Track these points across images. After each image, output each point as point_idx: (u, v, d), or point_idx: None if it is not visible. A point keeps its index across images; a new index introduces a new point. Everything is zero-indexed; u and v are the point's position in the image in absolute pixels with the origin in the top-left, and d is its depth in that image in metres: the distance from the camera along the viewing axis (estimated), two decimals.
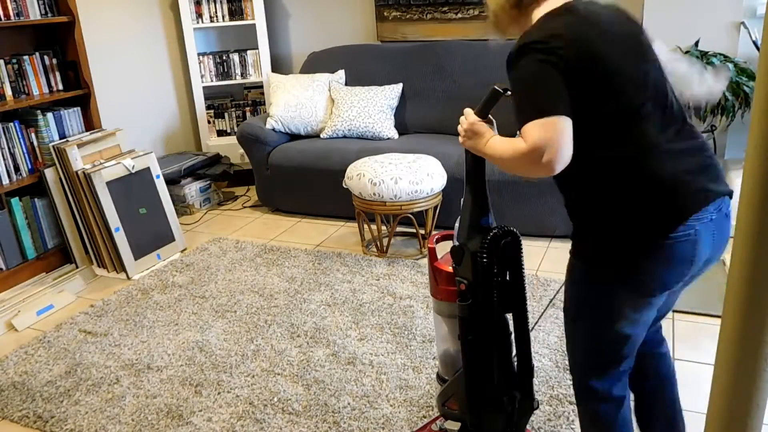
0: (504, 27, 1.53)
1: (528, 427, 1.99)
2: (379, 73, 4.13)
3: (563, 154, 1.29)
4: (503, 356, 1.62)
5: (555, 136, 1.27)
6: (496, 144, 1.47)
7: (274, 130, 3.98)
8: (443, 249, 1.71)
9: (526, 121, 1.30)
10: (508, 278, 1.60)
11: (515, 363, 1.67)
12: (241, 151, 4.39)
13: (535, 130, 1.29)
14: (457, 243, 1.59)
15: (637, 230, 1.33)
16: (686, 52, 3.45)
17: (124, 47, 4.16)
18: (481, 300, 1.54)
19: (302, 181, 3.84)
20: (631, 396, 1.61)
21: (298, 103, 4.00)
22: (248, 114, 4.67)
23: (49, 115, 3.27)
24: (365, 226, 3.43)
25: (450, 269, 1.64)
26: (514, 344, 1.64)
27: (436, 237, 1.77)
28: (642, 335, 1.48)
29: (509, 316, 1.64)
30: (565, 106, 1.30)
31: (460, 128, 1.58)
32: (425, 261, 3.25)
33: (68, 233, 3.33)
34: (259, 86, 4.70)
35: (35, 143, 3.25)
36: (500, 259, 1.55)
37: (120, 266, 3.29)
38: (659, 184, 1.33)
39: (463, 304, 1.55)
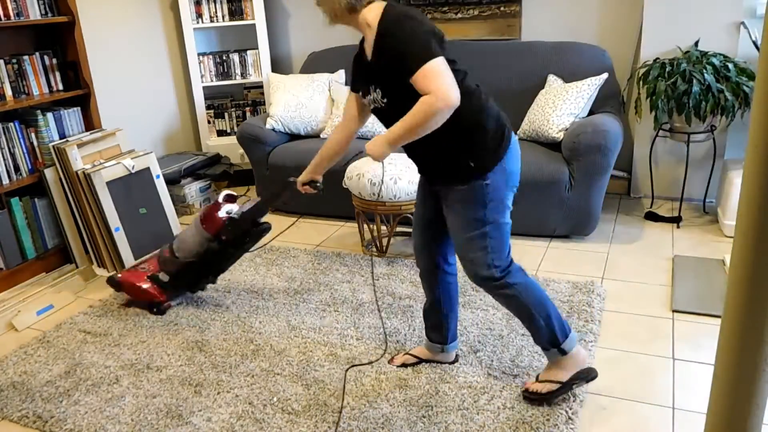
0: (338, 22, 1.94)
1: (526, 425, 2.00)
2: None
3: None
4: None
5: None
6: (399, 125, 1.80)
7: (274, 130, 3.98)
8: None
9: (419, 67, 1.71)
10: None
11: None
12: (241, 151, 4.39)
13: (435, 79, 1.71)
14: (235, 216, 2.72)
15: (499, 141, 1.90)
16: (686, 53, 3.46)
17: (124, 47, 4.16)
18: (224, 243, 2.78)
19: None
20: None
21: (298, 103, 4.00)
22: (248, 114, 4.67)
23: (49, 115, 3.27)
24: (365, 226, 3.43)
25: (221, 219, 2.74)
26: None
27: (225, 195, 2.82)
28: None
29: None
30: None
31: (369, 153, 1.93)
32: None
33: (68, 233, 3.33)
34: (259, 86, 4.70)
35: (35, 143, 3.25)
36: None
37: (120, 266, 3.29)
38: (498, 115, 1.93)
39: (217, 241, 2.77)
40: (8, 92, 3.18)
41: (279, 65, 4.84)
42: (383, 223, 3.46)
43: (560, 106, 3.39)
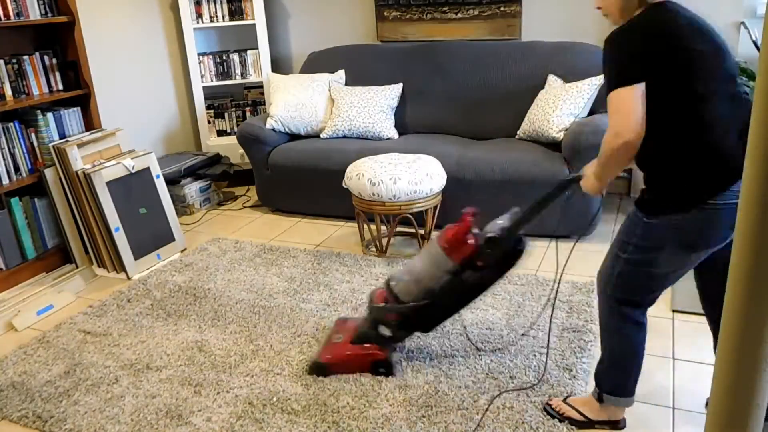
0: (622, 18, 1.74)
1: (526, 425, 1.99)
2: (379, 73, 4.13)
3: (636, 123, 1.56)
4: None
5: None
6: (596, 160, 1.75)
7: (274, 130, 3.98)
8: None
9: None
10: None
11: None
12: (241, 151, 4.39)
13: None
14: (495, 234, 2.10)
15: (690, 192, 1.61)
16: None
17: (124, 47, 4.16)
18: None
19: (302, 181, 3.84)
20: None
21: (298, 103, 4.00)
22: (248, 114, 4.67)
23: (49, 115, 3.27)
24: (365, 226, 3.43)
25: (472, 241, 2.14)
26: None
27: (472, 212, 2.23)
28: (677, 280, 1.79)
29: None
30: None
31: (586, 191, 1.86)
32: None
33: (68, 233, 3.33)
34: (259, 86, 4.70)
35: (35, 143, 3.25)
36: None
37: (120, 266, 3.28)
38: (714, 155, 1.59)
39: (473, 273, 2.16)
40: (8, 92, 3.18)
41: (279, 65, 4.84)
42: (383, 223, 3.46)
43: (560, 106, 3.39)
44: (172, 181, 4.08)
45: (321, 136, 4.00)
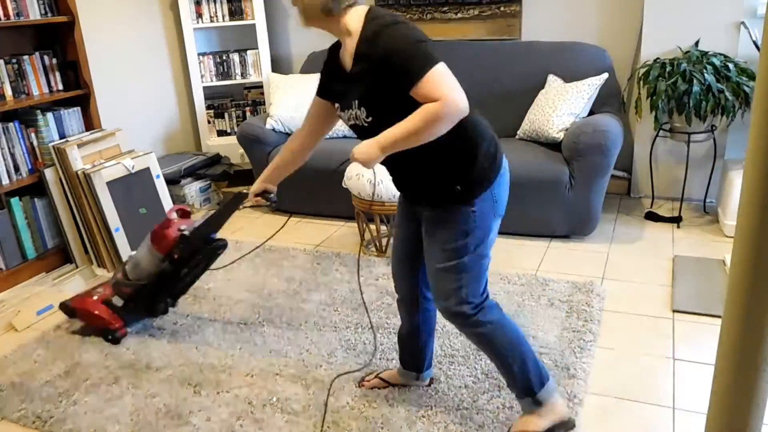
0: (312, 25, 1.74)
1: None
2: None
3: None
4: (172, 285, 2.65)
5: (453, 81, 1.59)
6: (395, 129, 1.61)
7: (274, 130, 3.98)
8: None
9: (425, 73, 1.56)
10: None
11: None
12: (241, 151, 4.39)
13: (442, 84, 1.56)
14: (186, 233, 2.49)
15: (491, 165, 1.74)
16: (686, 53, 3.45)
17: (124, 47, 4.16)
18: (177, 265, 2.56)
19: (302, 181, 3.84)
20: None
21: (298, 103, 4.00)
22: (248, 114, 4.67)
23: (49, 115, 3.27)
24: (365, 226, 3.43)
25: (173, 237, 2.50)
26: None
27: (178, 210, 2.61)
28: None
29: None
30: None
31: (357, 157, 1.69)
32: None
33: (68, 233, 3.33)
34: (259, 86, 4.70)
35: (35, 143, 3.25)
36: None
37: (120, 266, 3.28)
38: (492, 138, 1.77)
39: (170, 265, 2.53)
40: (8, 92, 3.18)
41: (279, 65, 4.84)
42: (383, 223, 3.46)
43: (560, 106, 3.39)
44: (172, 181, 4.08)
45: None
